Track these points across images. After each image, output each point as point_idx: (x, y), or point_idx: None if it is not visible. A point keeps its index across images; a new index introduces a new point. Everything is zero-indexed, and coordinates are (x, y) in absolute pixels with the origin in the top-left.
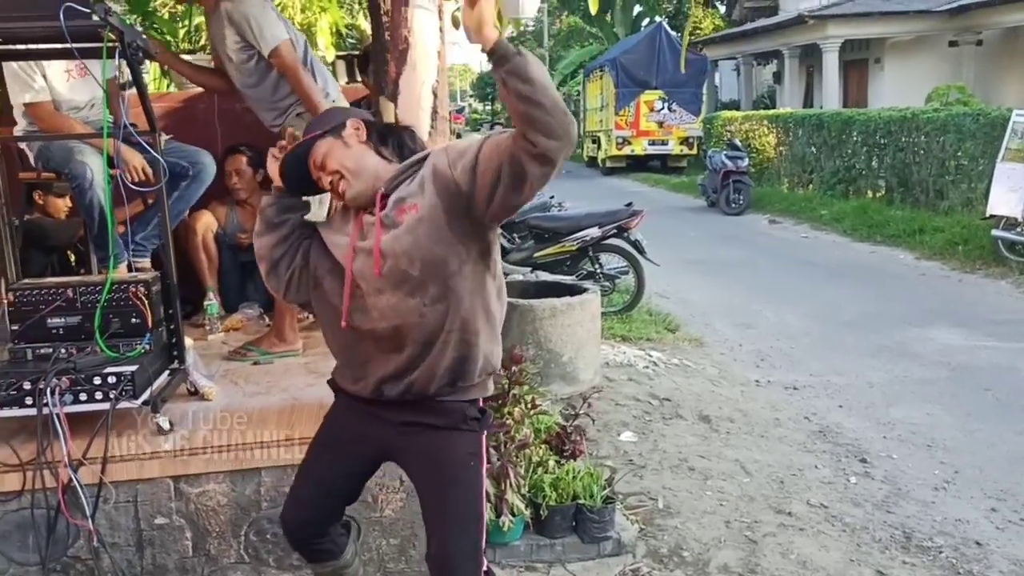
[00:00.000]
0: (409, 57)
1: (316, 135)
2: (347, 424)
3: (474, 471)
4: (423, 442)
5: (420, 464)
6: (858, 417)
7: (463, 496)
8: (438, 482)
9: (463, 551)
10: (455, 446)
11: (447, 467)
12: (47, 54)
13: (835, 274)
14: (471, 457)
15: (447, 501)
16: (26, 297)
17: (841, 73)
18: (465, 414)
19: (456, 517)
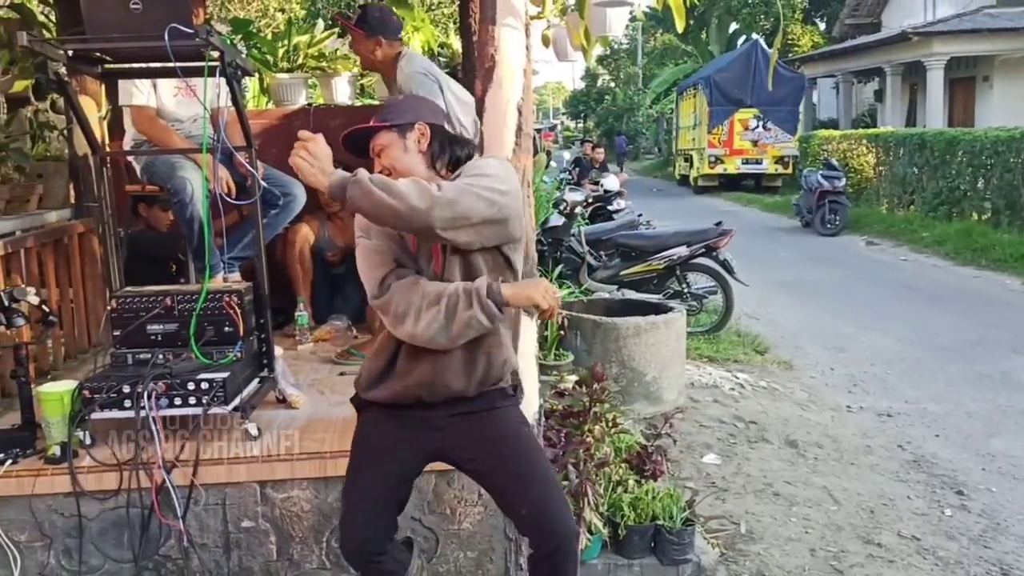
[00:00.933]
0: (495, 75)
1: (386, 125)
2: (387, 434)
3: (529, 434)
4: (471, 429)
5: (476, 448)
6: (955, 447)
7: (534, 457)
8: (506, 456)
9: (557, 503)
10: (503, 420)
11: (504, 442)
12: (153, 72)
13: (935, 298)
14: (522, 424)
15: (523, 467)
16: (128, 304)
17: (946, 91)
18: (503, 392)
19: (537, 477)
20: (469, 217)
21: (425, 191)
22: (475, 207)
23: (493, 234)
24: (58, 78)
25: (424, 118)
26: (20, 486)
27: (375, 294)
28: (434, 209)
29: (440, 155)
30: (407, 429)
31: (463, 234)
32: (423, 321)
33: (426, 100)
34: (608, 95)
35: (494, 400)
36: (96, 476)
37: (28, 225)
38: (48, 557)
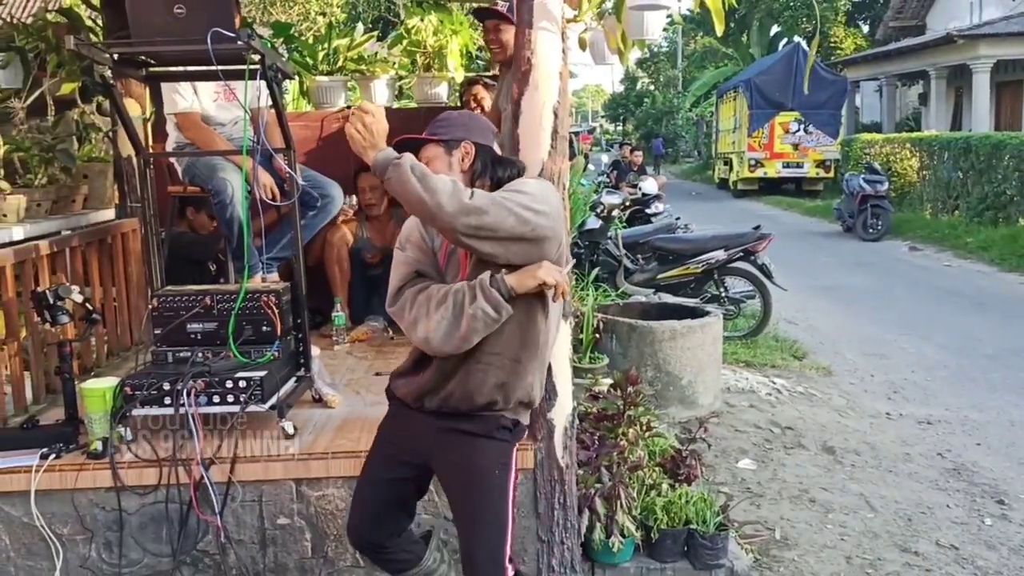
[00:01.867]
0: (531, 78)
1: (434, 139)
2: (394, 429)
3: (499, 479)
4: (454, 448)
5: (450, 470)
6: (997, 456)
7: (486, 503)
8: (464, 488)
9: (484, 556)
10: (484, 454)
11: (473, 475)
12: (195, 76)
13: (979, 305)
14: (498, 466)
15: (472, 505)
16: (169, 303)
17: (993, 95)
18: (498, 424)
19: (479, 521)
20: (495, 230)
21: (458, 194)
22: (505, 221)
23: (522, 252)
24: (104, 81)
25: (472, 137)
26: (63, 480)
27: (390, 303)
28: (461, 215)
29: (482, 175)
30: (410, 434)
31: (487, 245)
32: (432, 321)
33: (478, 119)
34: (647, 98)
35: (489, 429)
36: (136, 471)
37: (73, 225)
38: (89, 550)
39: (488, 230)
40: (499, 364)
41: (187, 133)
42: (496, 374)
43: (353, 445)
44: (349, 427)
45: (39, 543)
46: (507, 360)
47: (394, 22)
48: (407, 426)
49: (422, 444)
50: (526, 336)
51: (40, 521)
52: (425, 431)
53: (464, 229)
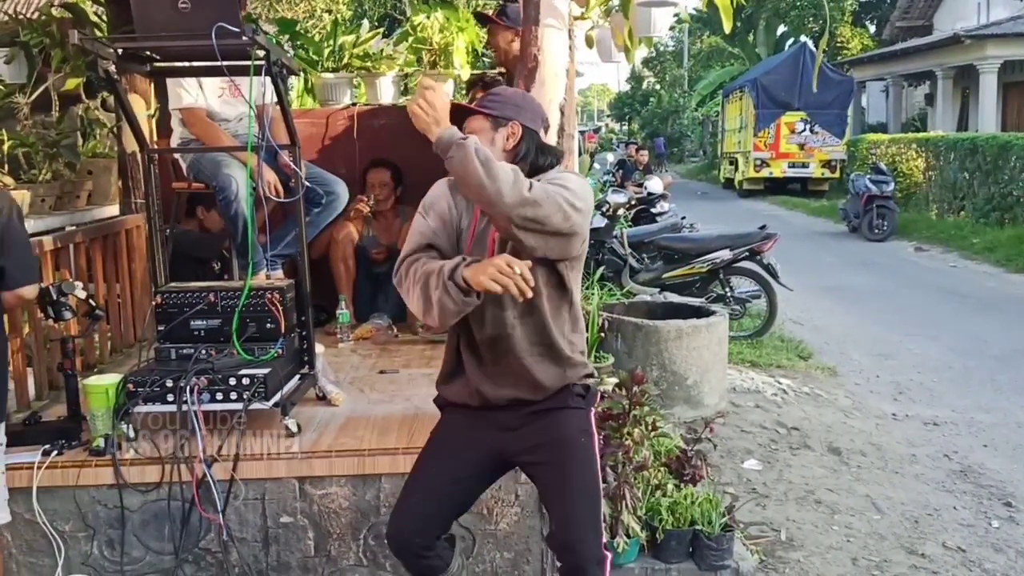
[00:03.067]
0: (538, 75)
1: (484, 112)
2: (457, 432)
3: (586, 446)
4: (534, 429)
5: (534, 450)
6: (1005, 458)
7: (580, 471)
8: (554, 462)
9: (585, 523)
10: (566, 425)
11: (561, 446)
12: (200, 71)
13: (986, 306)
14: (582, 434)
15: (565, 478)
16: (172, 300)
17: (1000, 95)
18: (571, 392)
19: (575, 492)
20: (545, 224)
21: (519, 185)
22: (554, 216)
23: (557, 247)
24: (108, 76)
25: (521, 118)
26: (65, 477)
27: (395, 270)
28: (519, 206)
29: (523, 159)
30: (476, 428)
31: (532, 238)
32: (412, 298)
33: (533, 102)
34: (653, 97)
35: (564, 400)
36: (139, 469)
37: (77, 221)
38: (91, 547)
39: (539, 223)
40: (551, 355)
41: (192, 129)
42: (556, 362)
43: (357, 443)
44: (353, 425)
45: (41, 540)
46: (541, 347)
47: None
48: (471, 425)
49: (492, 438)
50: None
51: (42, 518)
52: (494, 424)
53: (519, 221)
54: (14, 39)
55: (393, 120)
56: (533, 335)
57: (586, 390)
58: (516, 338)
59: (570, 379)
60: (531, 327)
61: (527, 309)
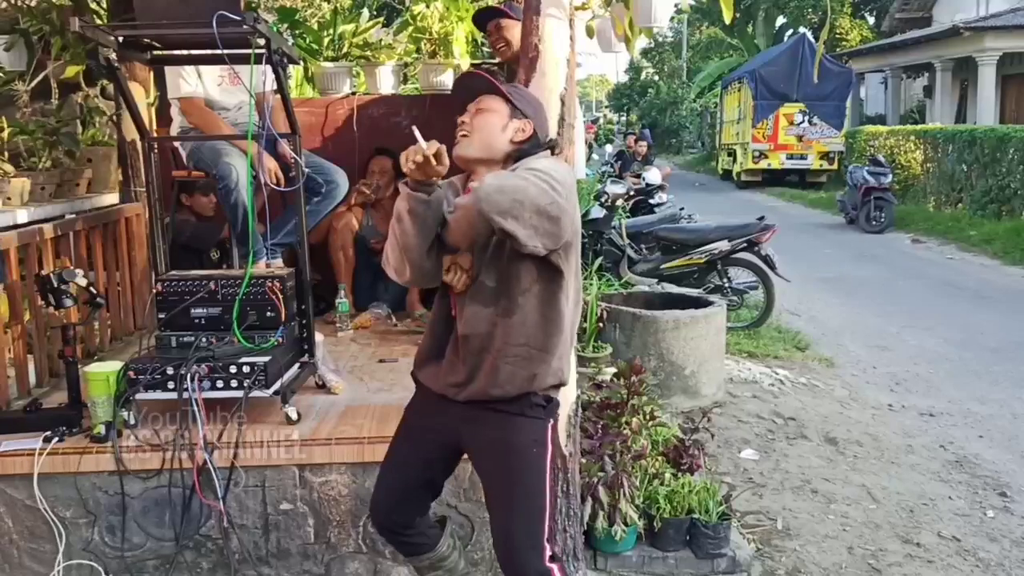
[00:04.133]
0: (539, 65)
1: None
2: (422, 412)
3: (536, 458)
4: (488, 428)
5: (484, 451)
6: (1000, 449)
7: (523, 483)
8: (500, 469)
9: (523, 538)
10: (519, 433)
11: (510, 454)
12: (200, 59)
13: (982, 298)
14: (534, 444)
15: (509, 485)
16: (173, 287)
17: (998, 88)
18: (531, 402)
19: (516, 500)
20: (522, 200)
21: (472, 191)
22: (528, 190)
23: (545, 230)
24: (108, 64)
25: (536, 122)
26: (66, 464)
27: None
28: (479, 202)
29: (518, 158)
30: (438, 415)
31: (522, 224)
32: (392, 255)
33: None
34: (652, 88)
35: (522, 408)
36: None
37: (77, 208)
38: (92, 534)
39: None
40: (526, 355)
41: (191, 118)
42: (525, 366)
43: (356, 431)
44: (352, 413)
45: (42, 526)
46: (534, 351)
47: (399, 8)
48: (436, 408)
49: (453, 426)
50: (549, 325)
51: (43, 504)
52: (455, 413)
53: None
54: (14, 26)
55: (392, 109)
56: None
57: (547, 401)
58: (495, 337)
59: (536, 386)
60: (509, 328)
61: (508, 309)
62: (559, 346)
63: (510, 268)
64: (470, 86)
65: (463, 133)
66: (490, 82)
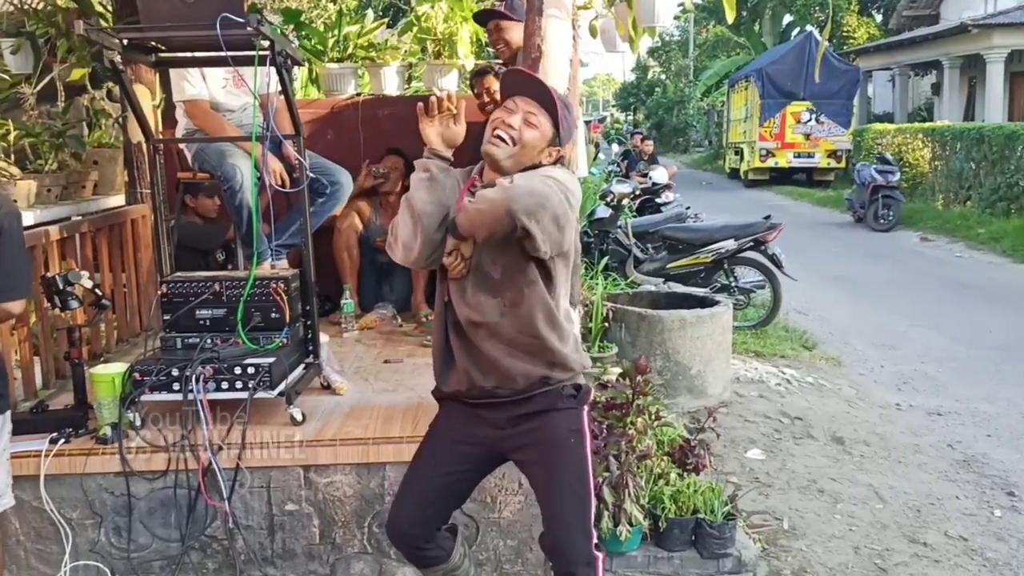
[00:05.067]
0: (541, 65)
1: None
2: (452, 426)
3: (576, 447)
4: (523, 430)
5: (525, 451)
6: (1008, 448)
7: (568, 472)
8: (543, 463)
9: (573, 525)
10: (555, 426)
11: (550, 448)
12: (204, 62)
13: (991, 296)
14: (572, 434)
15: (553, 479)
16: (178, 289)
17: (1007, 85)
18: (560, 394)
19: (563, 492)
20: (545, 206)
21: (500, 187)
22: (551, 197)
23: (554, 237)
24: (113, 66)
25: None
26: (72, 465)
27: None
28: (511, 200)
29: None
30: (471, 423)
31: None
32: (400, 229)
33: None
34: (658, 87)
35: (553, 401)
36: (145, 457)
37: (83, 210)
38: (99, 535)
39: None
40: (520, 345)
41: (195, 120)
42: (522, 357)
43: (361, 432)
44: (357, 414)
45: (49, 527)
46: (526, 339)
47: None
48: (470, 418)
49: (490, 432)
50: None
51: (49, 505)
52: (490, 420)
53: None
54: (20, 29)
55: (397, 110)
56: (520, 326)
57: (577, 389)
58: (504, 326)
59: (559, 379)
60: (518, 318)
61: (515, 299)
62: (552, 331)
63: (516, 261)
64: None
65: (507, 137)
66: (552, 101)
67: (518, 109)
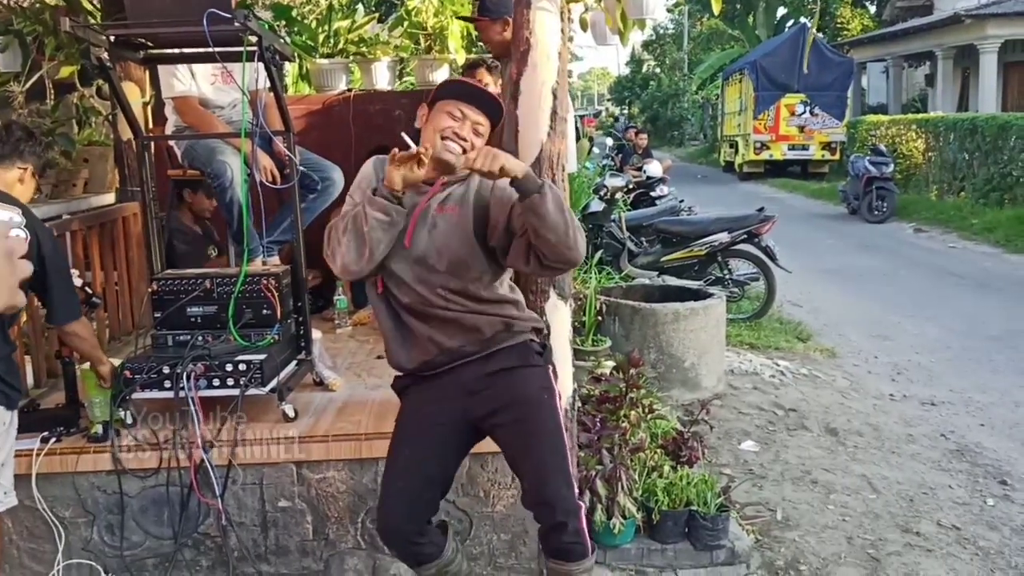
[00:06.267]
0: (530, 58)
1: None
2: (421, 410)
3: (548, 403)
4: (496, 391)
5: (500, 414)
6: (1001, 437)
7: (546, 427)
8: (520, 420)
9: (558, 477)
10: (526, 383)
11: (525, 406)
12: (192, 58)
13: (985, 287)
14: (543, 391)
15: (532, 435)
16: (168, 286)
17: (1000, 75)
18: (529, 349)
19: (543, 448)
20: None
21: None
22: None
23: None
24: (101, 63)
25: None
26: (64, 463)
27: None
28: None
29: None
30: (442, 398)
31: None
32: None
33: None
34: (653, 81)
35: (523, 358)
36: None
37: (74, 209)
38: (92, 533)
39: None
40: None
41: (184, 117)
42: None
43: (354, 428)
44: (350, 410)
45: (41, 526)
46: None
47: (395, 4)
48: (439, 390)
49: (460, 399)
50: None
51: (42, 504)
52: (461, 384)
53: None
54: (7, 27)
55: (389, 105)
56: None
57: (543, 347)
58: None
59: (521, 325)
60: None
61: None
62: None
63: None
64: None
65: (463, 147)
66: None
67: (466, 119)
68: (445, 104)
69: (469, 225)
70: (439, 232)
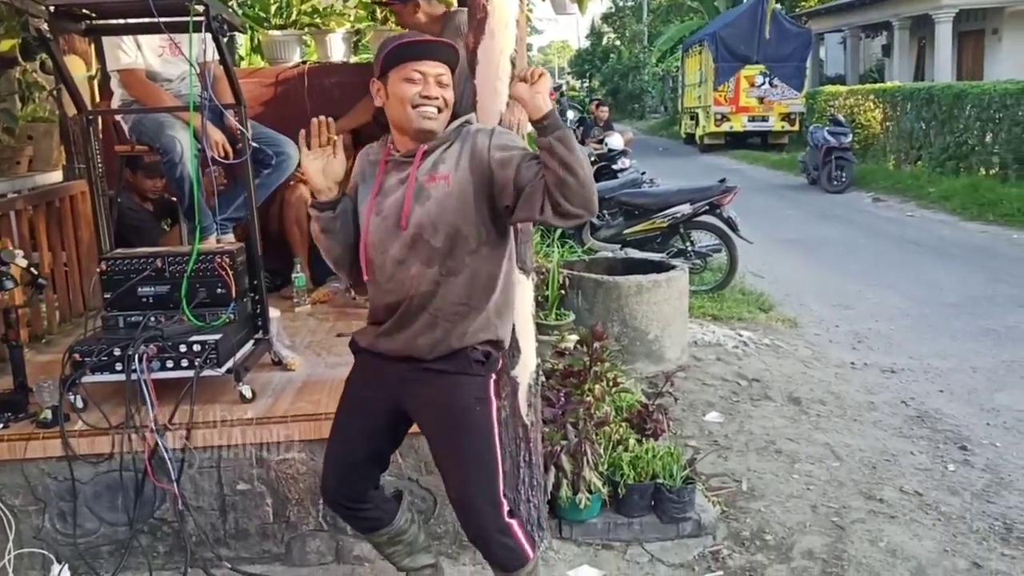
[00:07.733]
0: (487, 26)
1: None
2: (363, 383)
3: (481, 415)
4: (428, 389)
5: (428, 412)
6: (960, 403)
7: (472, 440)
8: (446, 428)
9: (479, 497)
10: (461, 391)
11: (454, 412)
12: (138, 29)
13: (942, 254)
14: (477, 402)
15: (458, 446)
16: (118, 266)
17: (955, 45)
18: (469, 358)
19: (467, 461)
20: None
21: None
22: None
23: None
24: (40, 35)
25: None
26: (12, 450)
27: None
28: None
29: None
30: (378, 383)
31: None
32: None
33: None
34: (613, 54)
35: (462, 365)
36: (88, 440)
37: (18, 187)
38: (43, 521)
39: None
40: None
41: (131, 91)
42: (458, 323)
43: (314, 408)
44: (310, 389)
45: None
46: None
47: None
48: (377, 373)
49: (393, 391)
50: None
51: None
52: (396, 375)
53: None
54: None
55: (345, 78)
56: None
57: (487, 357)
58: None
59: (468, 342)
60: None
61: (454, 269)
62: (493, 303)
63: (460, 230)
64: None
65: (438, 107)
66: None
67: (426, 76)
68: (398, 71)
69: (469, 189)
70: (432, 203)
